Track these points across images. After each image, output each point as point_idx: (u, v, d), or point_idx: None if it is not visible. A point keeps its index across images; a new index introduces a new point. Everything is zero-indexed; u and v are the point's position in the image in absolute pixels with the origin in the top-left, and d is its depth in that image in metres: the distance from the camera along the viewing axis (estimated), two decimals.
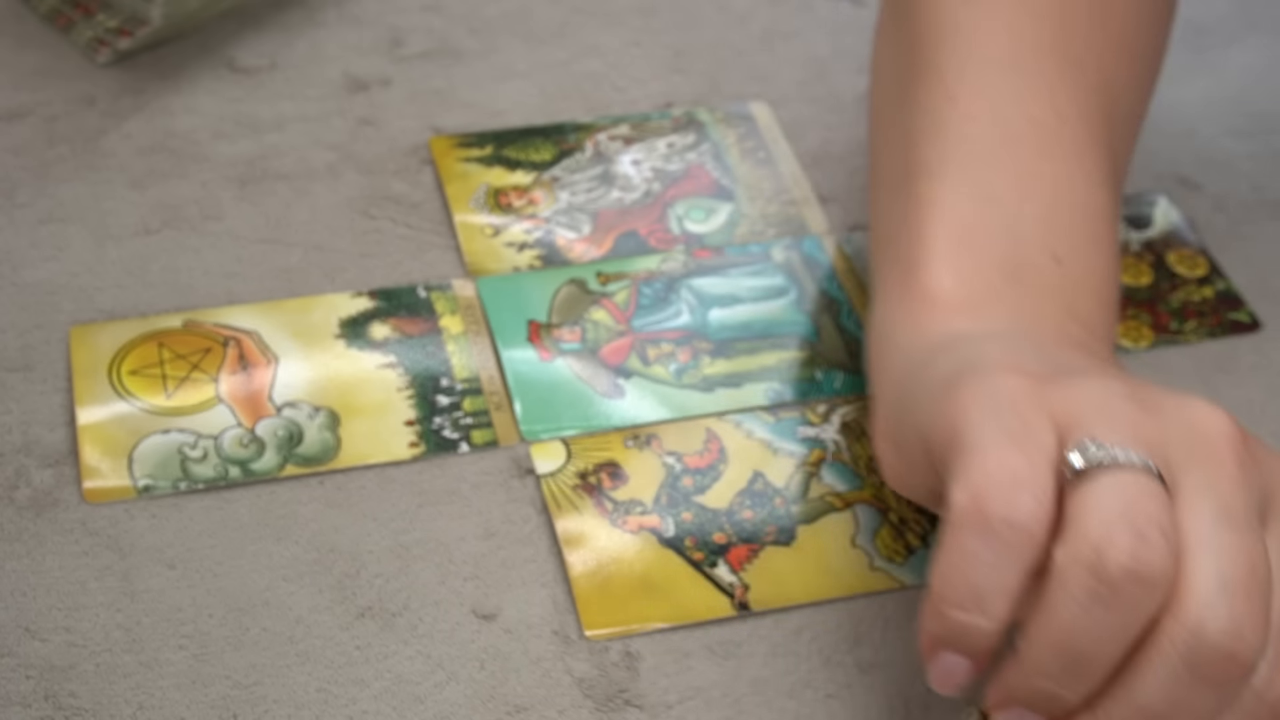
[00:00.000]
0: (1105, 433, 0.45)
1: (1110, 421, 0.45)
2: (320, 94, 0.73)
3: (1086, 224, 0.55)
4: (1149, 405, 0.46)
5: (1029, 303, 0.53)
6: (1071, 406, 0.46)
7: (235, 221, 0.67)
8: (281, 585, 0.55)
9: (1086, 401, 0.46)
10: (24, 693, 0.52)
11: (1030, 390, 0.46)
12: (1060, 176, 0.55)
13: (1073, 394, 0.46)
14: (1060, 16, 0.58)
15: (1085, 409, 0.46)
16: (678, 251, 0.67)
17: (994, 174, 0.55)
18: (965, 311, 0.52)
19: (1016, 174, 0.55)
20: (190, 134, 0.71)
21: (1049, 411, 0.46)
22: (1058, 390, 0.46)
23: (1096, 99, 0.57)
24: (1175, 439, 0.46)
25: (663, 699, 0.53)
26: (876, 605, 0.56)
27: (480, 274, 0.66)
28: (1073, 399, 0.46)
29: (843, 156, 0.72)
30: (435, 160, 0.70)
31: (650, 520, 0.58)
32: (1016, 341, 0.51)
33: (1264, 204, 0.71)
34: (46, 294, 0.64)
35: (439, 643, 0.54)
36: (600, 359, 0.63)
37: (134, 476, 0.58)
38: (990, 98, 0.56)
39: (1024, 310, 0.53)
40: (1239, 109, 0.76)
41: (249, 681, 0.53)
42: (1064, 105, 0.56)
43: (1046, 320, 0.52)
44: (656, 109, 0.74)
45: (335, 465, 0.59)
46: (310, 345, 0.63)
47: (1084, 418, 0.45)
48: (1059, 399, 0.46)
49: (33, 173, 0.69)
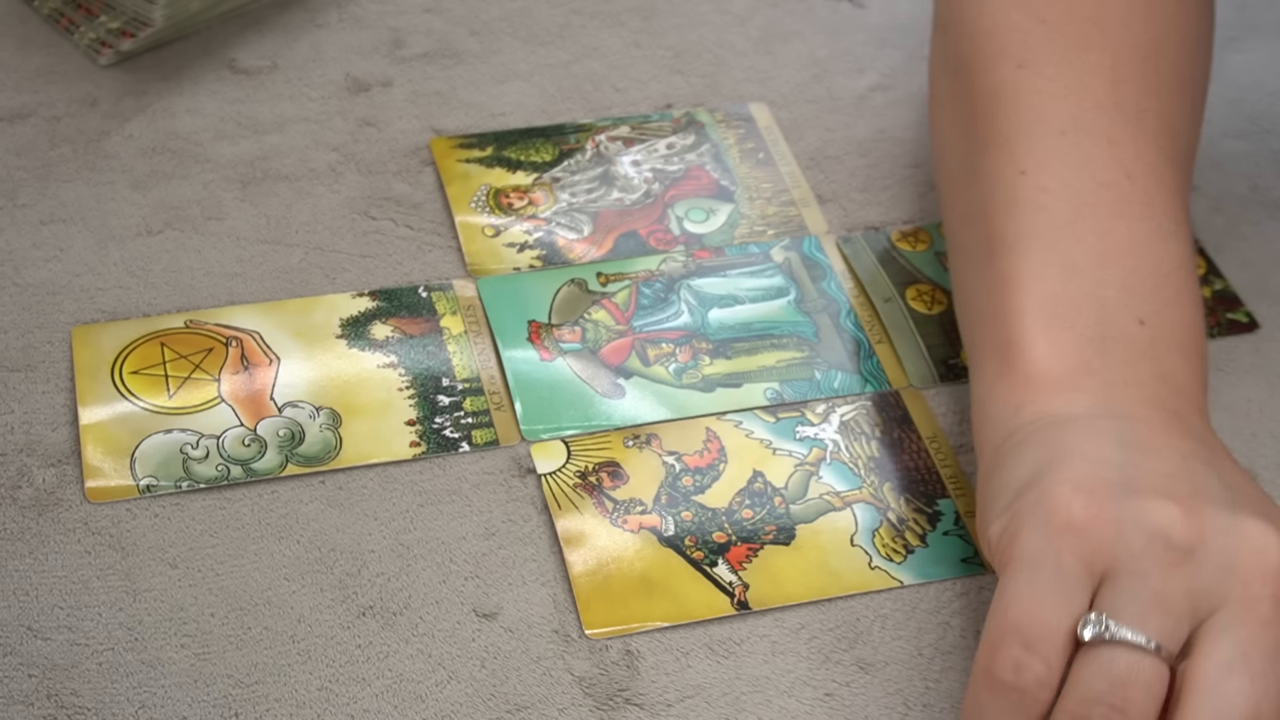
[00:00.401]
0: (1129, 594, 0.48)
1: (1142, 578, 0.48)
2: (322, 95, 0.73)
3: (1165, 280, 0.56)
4: (1194, 539, 0.49)
5: (1119, 372, 0.54)
6: (1108, 557, 0.49)
7: (237, 222, 0.67)
8: (283, 584, 0.55)
9: (1126, 551, 0.48)
10: (26, 691, 0.52)
11: (1079, 529, 0.49)
12: (1137, 237, 0.56)
13: (1119, 535, 0.49)
14: (1114, 69, 0.59)
15: (1121, 562, 0.48)
16: (677, 252, 0.67)
17: (1072, 243, 0.56)
18: (1058, 388, 0.54)
19: (1094, 241, 0.56)
20: (192, 135, 0.71)
21: (1087, 560, 0.49)
22: (1104, 531, 0.49)
23: (1159, 144, 0.58)
24: (1211, 576, 0.48)
25: (662, 697, 0.53)
26: (875, 604, 0.56)
27: (481, 274, 0.66)
28: (1116, 543, 0.49)
29: (842, 157, 0.72)
30: (436, 161, 0.71)
31: (650, 519, 0.58)
32: (1101, 429, 0.52)
33: (1262, 204, 0.71)
34: (49, 294, 0.64)
35: (440, 641, 0.54)
36: (600, 359, 0.63)
37: (136, 476, 0.58)
38: (1059, 167, 0.57)
39: (1114, 381, 0.54)
40: (1237, 110, 0.76)
41: (251, 680, 0.53)
42: (1130, 162, 0.57)
43: (1137, 388, 0.54)
44: (656, 110, 0.74)
45: (336, 465, 0.59)
46: (312, 345, 0.63)
47: (1118, 573, 0.48)
48: (1102, 543, 0.49)
49: (35, 173, 0.69)
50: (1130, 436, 0.52)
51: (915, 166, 0.72)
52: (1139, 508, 0.49)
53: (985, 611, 0.56)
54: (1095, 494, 0.49)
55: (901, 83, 0.76)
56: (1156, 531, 0.49)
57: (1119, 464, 0.51)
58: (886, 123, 0.74)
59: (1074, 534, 0.49)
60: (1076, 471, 0.50)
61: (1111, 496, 0.49)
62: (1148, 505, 0.49)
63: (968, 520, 0.59)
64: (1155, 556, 0.48)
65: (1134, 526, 0.49)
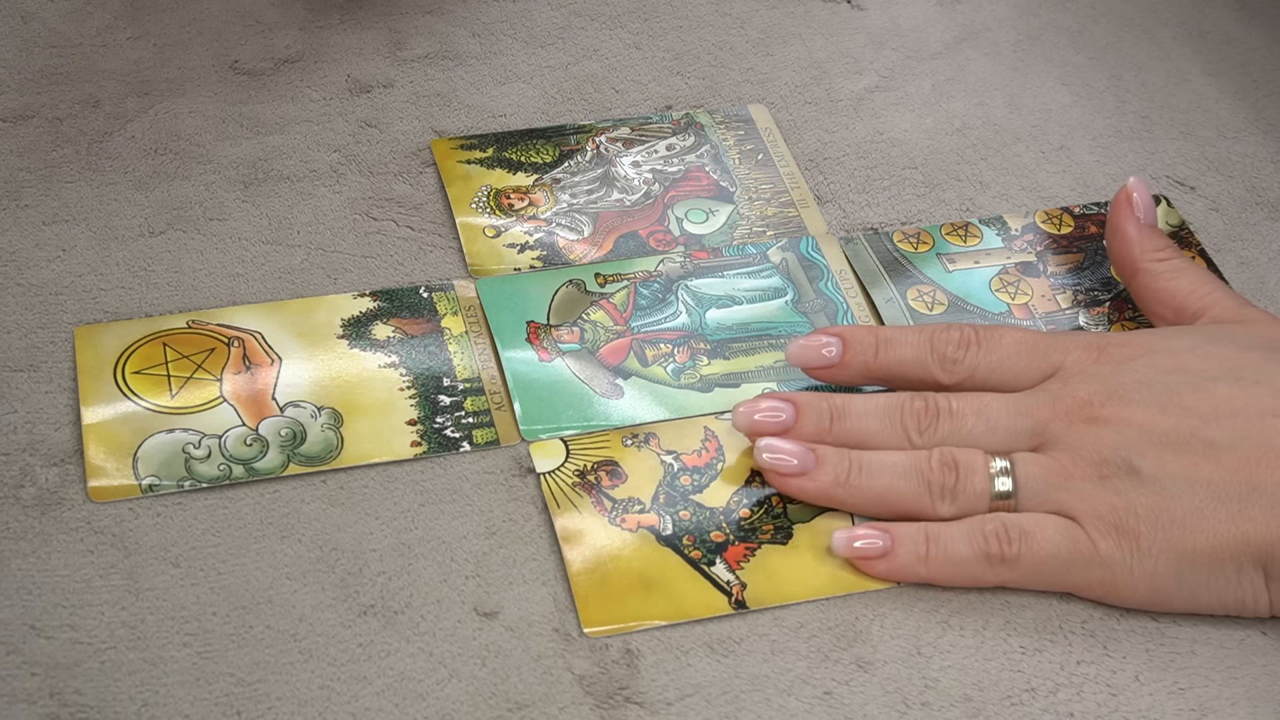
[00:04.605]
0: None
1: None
2: (323, 96, 0.74)
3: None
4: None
5: None
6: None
7: (239, 222, 0.68)
8: (285, 583, 0.56)
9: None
10: (29, 690, 0.52)
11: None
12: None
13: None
14: None
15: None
16: (676, 253, 0.67)
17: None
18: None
19: None
20: (194, 136, 0.71)
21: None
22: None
23: None
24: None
25: (662, 696, 0.53)
26: (873, 602, 0.56)
27: (481, 275, 0.66)
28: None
29: (840, 158, 0.72)
30: (437, 162, 0.71)
31: (648, 518, 0.58)
32: None
33: (1260, 205, 0.71)
34: (51, 294, 0.64)
35: (441, 640, 0.54)
36: (599, 359, 0.63)
37: (138, 475, 0.58)
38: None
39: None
40: (1236, 110, 0.76)
41: (252, 679, 0.53)
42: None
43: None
44: (656, 111, 0.74)
45: (338, 464, 0.59)
46: (313, 345, 0.63)
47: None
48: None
49: (38, 174, 0.69)
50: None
51: (913, 167, 0.72)
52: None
53: (983, 610, 0.56)
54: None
55: (900, 84, 0.76)
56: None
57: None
58: (885, 124, 0.74)
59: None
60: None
61: None
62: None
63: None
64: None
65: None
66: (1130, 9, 0.81)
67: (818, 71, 0.77)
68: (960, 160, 0.73)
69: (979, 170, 0.72)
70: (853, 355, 0.60)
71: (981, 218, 0.70)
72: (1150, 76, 0.77)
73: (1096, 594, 0.56)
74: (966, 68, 0.77)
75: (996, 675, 0.54)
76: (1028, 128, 0.74)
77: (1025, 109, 0.75)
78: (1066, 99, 0.76)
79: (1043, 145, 0.74)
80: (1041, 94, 0.76)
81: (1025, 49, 0.79)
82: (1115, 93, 0.76)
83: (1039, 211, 0.70)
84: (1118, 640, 0.55)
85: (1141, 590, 0.55)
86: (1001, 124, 0.75)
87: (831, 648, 0.55)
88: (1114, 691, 0.54)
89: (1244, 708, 0.54)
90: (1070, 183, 0.72)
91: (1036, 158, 0.73)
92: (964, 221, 0.69)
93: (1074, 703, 0.54)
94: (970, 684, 0.54)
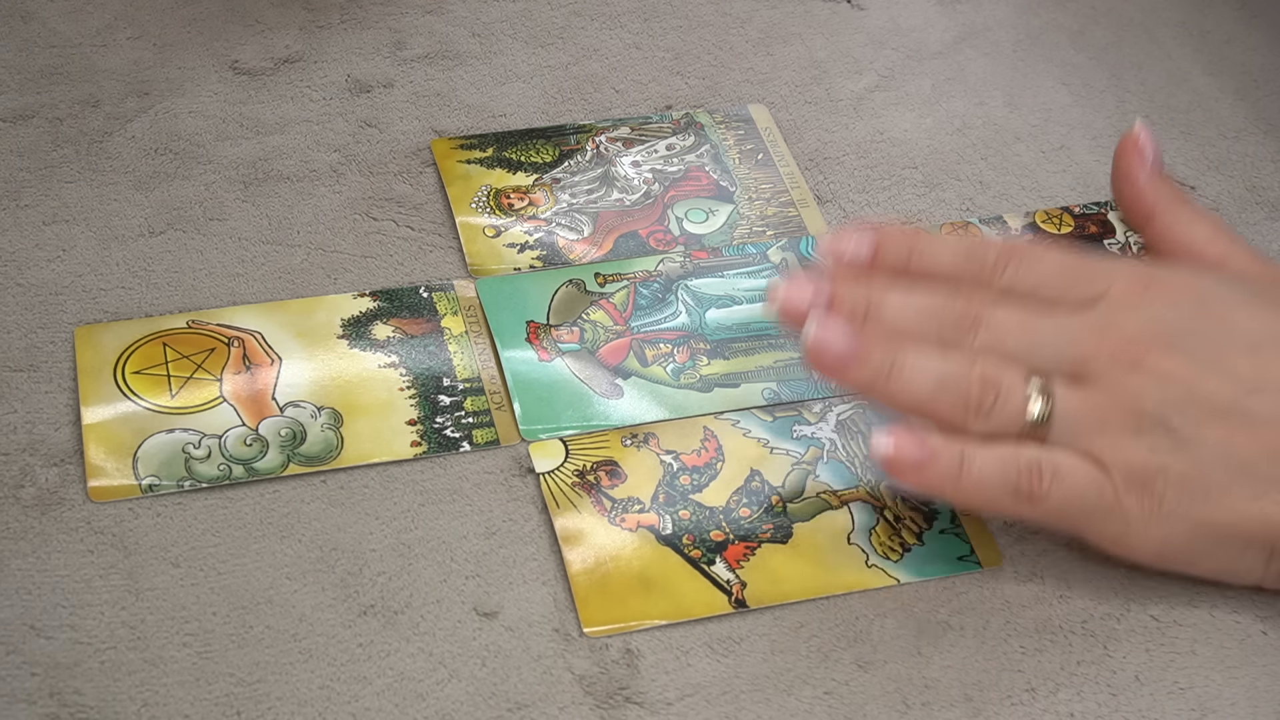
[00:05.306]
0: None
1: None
2: (323, 96, 0.74)
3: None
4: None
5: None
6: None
7: (239, 222, 0.68)
8: (285, 583, 0.56)
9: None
10: (29, 690, 0.52)
11: None
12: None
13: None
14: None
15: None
16: (675, 252, 0.67)
17: None
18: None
19: None
20: (194, 136, 0.71)
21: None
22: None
23: None
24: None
25: (662, 695, 0.53)
26: (873, 602, 0.56)
27: (481, 275, 0.66)
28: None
29: (840, 158, 0.72)
30: (437, 162, 0.71)
31: (648, 518, 0.58)
32: None
33: (1261, 205, 0.72)
34: (51, 294, 0.64)
35: (441, 640, 0.54)
36: (599, 359, 0.63)
37: (138, 475, 0.58)
38: None
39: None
40: (1236, 110, 0.76)
41: (252, 679, 0.53)
42: None
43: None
44: (656, 111, 0.74)
45: (338, 464, 0.59)
46: (313, 345, 0.63)
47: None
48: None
49: (38, 174, 0.69)
50: None
51: (913, 167, 0.72)
52: None
53: (983, 609, 0.56)
54: None
55: (900, 84, 0.76)
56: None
57: None
58: (885, 123, 0.74)
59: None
60: None
61: None
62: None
63: (964, 518, 0.59)
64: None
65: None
66: (1130, 9, 0.81)
67: (818, 71, 0.77)
68: (960, 160, 0.73)
69: (979, 170, 0.72)
70: (885, 256, 0.58)
71: (981, 217, 0.70)
72: (1150, 76, 0.77)
73: (1105, 543, 0.55)
74: (966, 67, 0.77)
75: (996, 675, 0.54)
76: (1028, 127, 0.74)
77: (1025, 109, 0.75)
78: (1066, 99, 0.76)
79: (1043, 145, 0.74)
80: (1041, 94, 0.76)
81: (1025, 49, 0.79)
82: (1115, 93, 0.76)
83: (1039, 211, 0.70)
84: (1118, 640, 0.55)
85: (1151, 548, 0.55)
86: (1001, 124, 0.75)
87: (831, 648, 0.55)
88: (1114, 691, 0.54)
89: (1244, 708, 0.54)
90: (1070, 182, 0.72)
91: (1036, 157, 0.73)
92: (964, 221, 0.70)
93: (1074, 703, 0.54)
94: (970, 684, 0.54)
